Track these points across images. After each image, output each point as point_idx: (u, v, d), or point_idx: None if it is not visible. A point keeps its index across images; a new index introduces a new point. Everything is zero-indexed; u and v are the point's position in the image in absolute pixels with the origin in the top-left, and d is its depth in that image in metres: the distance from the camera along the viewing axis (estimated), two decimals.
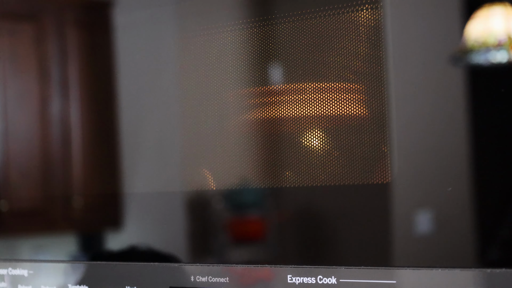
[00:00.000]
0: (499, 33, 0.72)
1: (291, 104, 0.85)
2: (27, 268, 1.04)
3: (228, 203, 0.92)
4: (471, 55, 0.73)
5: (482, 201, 0.73)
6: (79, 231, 1.08)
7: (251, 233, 0.92)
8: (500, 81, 0.72)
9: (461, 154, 0.74)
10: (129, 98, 0.99)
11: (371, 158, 0.79)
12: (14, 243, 1.14)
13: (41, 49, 1.09)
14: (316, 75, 0.83)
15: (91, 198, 1.05)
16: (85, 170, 1.06)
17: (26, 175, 1.10)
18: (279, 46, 0.86)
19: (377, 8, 0.79)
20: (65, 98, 1.07)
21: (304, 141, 0.84)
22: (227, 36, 0.89)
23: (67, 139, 1.06)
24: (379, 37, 0.78)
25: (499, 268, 0.69)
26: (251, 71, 0.89)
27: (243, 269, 0.85)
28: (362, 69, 0.80)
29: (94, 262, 0.98)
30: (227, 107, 0.91)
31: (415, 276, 0.74)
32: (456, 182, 0.74)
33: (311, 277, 0.79)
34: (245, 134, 0.89)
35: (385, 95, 0.78)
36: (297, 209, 0.86)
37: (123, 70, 1.00)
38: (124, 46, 0.99)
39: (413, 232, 0.76)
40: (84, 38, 1.07)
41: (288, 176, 0.85)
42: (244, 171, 0.89)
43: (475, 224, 0.73)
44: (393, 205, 0.78)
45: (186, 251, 0.94)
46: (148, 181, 0.97)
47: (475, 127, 0.73)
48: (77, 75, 1.06)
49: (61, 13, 1.10)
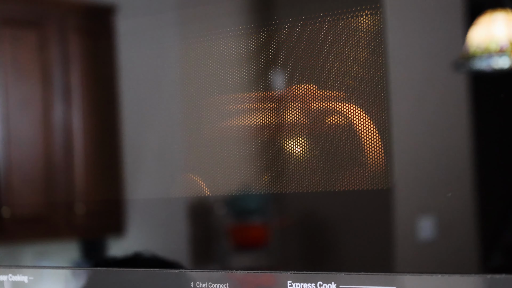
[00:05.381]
0: (501, 39, 0.72)
1: (292, 110, 0.85)
2: (27, 275, 1.04)
3: (229, 210, 0.92)
4: (473, 61, 0.73)
5: (484, 206, 0.73)
6: (81, 237, 1.08)
7: (253, 239, 0.92)
8: (502, 87, 0.71)
9: (462, 159, 0.74)
10: (131, 104, 0.99)
11: (372, 164, 0.79)
12: (16, 250, 1.14)
13: (43, 56, 1.09)
14: (316, 80, 0.83)
15: (93, 204, 1.05)
16: (87, 177, 1.06)
17: (28, 181, 1.10)
18: (280, 51, 0.86)
19: (377, 14, 0.79)
20: (67, 104, 1.07)
21: (304, 147, 0.84)
22: (228, 42, 0.90)
23: (69, 146, 1.06)
24: (380, 43, 0.78)
25: (500, 274, 0.69)
26: (253, 76, 0.89)
27: (243, 275, 0.85)
28: (362, 74, 0.80)
29: (94, 268, 0.98)
30: (229, 113, 0.91)
31: (415, 282, 0.73)
32: (458, 187, 0.74)
33: (311, 283, 0.79)
34: (247, 140, 0.89)
35: (386, 100, 0.78)
36: (298, 215, 0.86)
37: (125, 76, 1.00)
38: (126, 52, 1.00)
39: (414, 238, 0.76)
40: (87, 44, 1.07)
41: (289, 182, 0.84)
42: (245, 177, 0.89)
43: (476, 230, 0.73)
44: (393, 211, 0.78)
45: (189, 258, 0.94)
46: (150, 187, 0.97)
47: (477, 132, 0.73)
48: (79, 82, 1.07)
49: (63, 19, 1.10)
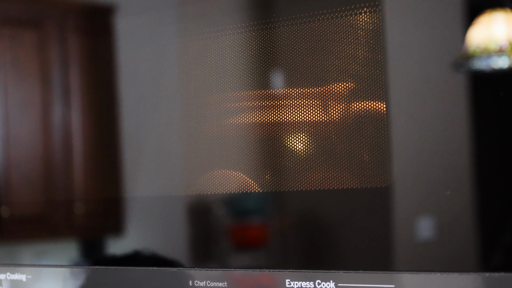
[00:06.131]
0: (501, 39, 0.72)
1: (291, 108, 0.85)
2: (25, 273, 1.04)
3: (229, 209, 0.92)
4: (473, 61, 0.73)
5: (483, 205, 0.73)
6: (80, 237, 1.08)
7: (252, 238, 0.91)
8: (501, 87, 0.71)
9: (461, 158, 0.74)
10: (131, 103, 0.99)
11: (370, 161, 0.79)
12: (16, 249, 1.14)
13: (43, 55, 1.10)
14: (315, 78, 0.83)
15: (92, 203, 1.04)
16: (87, 176, 1.06)
17: (27, 181, 1.10)
18: (279, 49, 0.86)
19: (376, 11, 0.79)
20: (66, 104, 1.07)
21: (304, 145, 0.84)
22: (227, 40, 0.90)
23: (68, 145, 1.06)
24: (378, 41, 0.78)
25: (499, 272, 0.69)
26: (252, 74, 0.89)
27: (242, 273, 0.85)
28: (361, 72, 0.80)
29: (93, 267, 0.98)
30: (229, 111, 0.91)
31: (413, 280, 0.73)
32: (457, 186, 0.73)
33: (310, 282, 0.79)
34: (246, 139, 0.89)
35: (385, 98, 0.78)
36: (297, 214, 0.86)
37: (124, 75, 1.00)
38: (125, 51, 1.00)
39: (412, 236, 0.76)
40: (86, 44, 1.07)
41: (288, 181, 0.84)
42: (245, 176, 0.89)
43: (475, 228, 0.73)
44: (392, 209, 0.78)
45: (188, 257, 0.94)
46: (149, 186, 0.97)
47: (476, 132, 0.73)
48: (79, 81, 1.07)
49: (63, 19, 1.10)
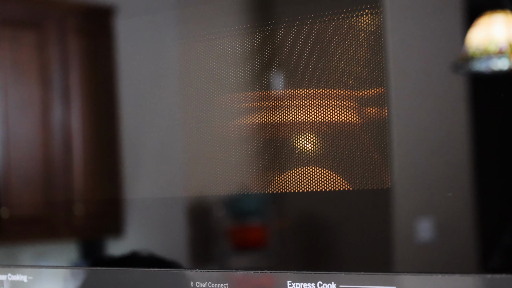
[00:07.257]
0: (500, 41, 0.72)
1: (292, 110, 0.85)
2: (26, 274, 1.04)
3: (229, 210, 0.91)
4: (472, 62, 0.73)
5: (483, 206, 0.73)
6: (80, 238, 1.08)
7: (253, 240, 0.91)
8: (501, 88, 0.71)
9: (462, 160, 0.74)
10: (131, 104, 0.99)
11: (371, 163, 0.79)
12: (15, 250, 1.14)
13: (43, 56, 1.09)
14: (316, 80, 0.83)
15: (92, 205, 1.04)
16: (87, 177, 1.06)
17: (27, 182, 1.10)
18: (280, 51, 0.86)
19: (377, 13, 0.79)
20: (66, 105, 1.07)
21: (304, 146, 0.84)
22: (228, 42, 0.90)
23: (68, 146, 1.06)
24: (380, 42, 0.78)
25: (500, 274, 0.69)
26: (252, 76, 0.89)
27: (243, 275, 0.85)
28: (362, 74, 0.80)
29: (93, 268, 0.98)
30: (229, 112, 0.91)
31: (415, 282, 0.73)
32: (457, 188, 0.74)
33: (311, 283, 0.79)
34: (246, 140, 0.89)
35: (386, 100, 0.78)
36: (298, 215, 0.86)
37: (124, 76, 1.00)
38: (125, 53, 1.00)
39: (413, 238, 0.76)
40: (86, 45, 1.07)
41: (288, 182, 0.84)
42: (245, 177, 0.89)
43: (476, 230, 0.73)
44: (393, 210, 0.78)
45: (188, 258, 0.94)
46: (149, 187, 0.97)
47: (476, 133, 0.73)
48: (78, 82, 1.07)
49: (63, 20, 1.10)
